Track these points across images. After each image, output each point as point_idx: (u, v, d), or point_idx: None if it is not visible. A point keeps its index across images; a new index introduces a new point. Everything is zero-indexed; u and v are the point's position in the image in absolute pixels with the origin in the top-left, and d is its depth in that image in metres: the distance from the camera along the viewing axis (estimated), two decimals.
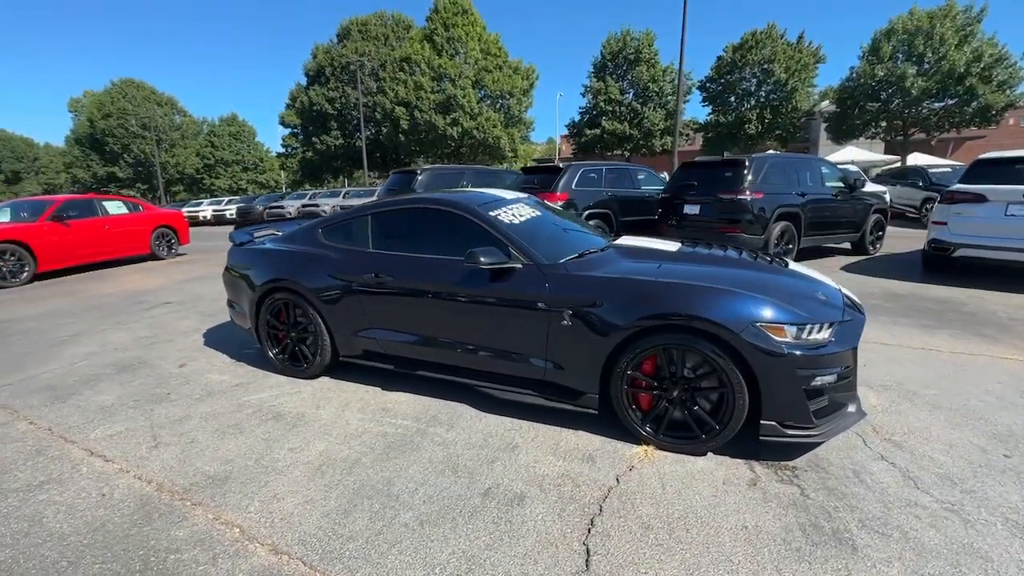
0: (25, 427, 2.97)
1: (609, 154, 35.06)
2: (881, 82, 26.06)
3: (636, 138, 32.98)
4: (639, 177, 8.96)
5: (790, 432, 2.27)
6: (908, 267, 6.91)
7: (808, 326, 2.27)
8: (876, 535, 1.87)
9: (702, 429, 2.40)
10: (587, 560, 1.80)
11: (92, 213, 9.06)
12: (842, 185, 7.70)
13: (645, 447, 2.51)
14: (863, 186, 7.75)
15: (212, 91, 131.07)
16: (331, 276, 3.25)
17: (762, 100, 31.95)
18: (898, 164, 22.84)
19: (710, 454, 2.44)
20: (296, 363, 3.51)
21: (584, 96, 34.77)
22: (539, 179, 8.01)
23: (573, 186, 7.70)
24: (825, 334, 2.30)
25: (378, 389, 3.31)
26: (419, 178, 8.96)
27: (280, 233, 3.86)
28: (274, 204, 21.03)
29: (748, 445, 2.40)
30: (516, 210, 3.19)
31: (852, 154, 24.99)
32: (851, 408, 2.45)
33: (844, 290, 2.82)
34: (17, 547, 1.95)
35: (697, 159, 8.07)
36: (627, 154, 34.03)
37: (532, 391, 2.76)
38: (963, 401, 2.91)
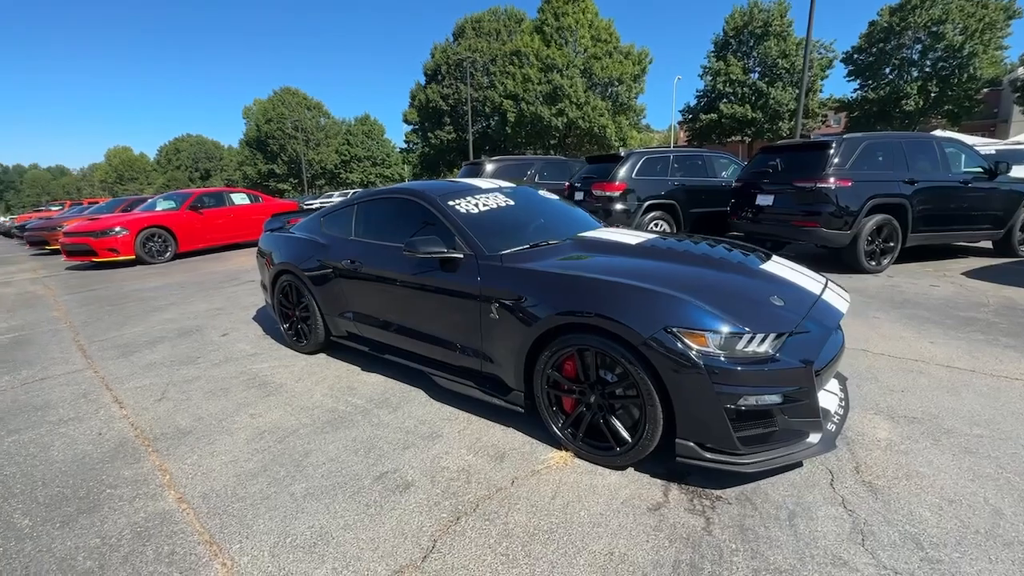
0: (90, 375, 3.69)
1: (728, 141, 32.15)
2: None
3: (760, 121, 29.70)
4: (718, 165, 8.11)
5: (710, 456, 1.96)
6: None
7: (744, 336, 1.93)
8: None
9: (617, 441, 2.17)
10: (425, 556, 1.76)
11: (221, 203, 10.78)
12: (979, 170, 6.21)
13: (564, 453, 2.35)
14: (1008, 171, 6.16)
15: (349, 92, 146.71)
16: (321, 261, 3.51)
17: (927, 71, 26.77)
18: None
19: (630, 469, 2.20)
20: (298, 339, 3.87)
21: (701, 78, 32.24)
22: (599, 169, 7.68)
23: (633, 175, 7.25)
24: (765, 346, 1.93)
25: (358, 369, 3.52)
26: (486, 169, 9.15)
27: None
28: None
29: (685, 466, 2.11)
30: (483, 199, 3.13)
31: None
32: (812, 438, 2.04)
33: (832, 297, 2.33)
34: (23, 465, 2.47)
35: (779, 142, 7.08)
36: (748, 140, 30.89)
37: (472, 382, 2.72)
38: (1014, 449, 2.24)
